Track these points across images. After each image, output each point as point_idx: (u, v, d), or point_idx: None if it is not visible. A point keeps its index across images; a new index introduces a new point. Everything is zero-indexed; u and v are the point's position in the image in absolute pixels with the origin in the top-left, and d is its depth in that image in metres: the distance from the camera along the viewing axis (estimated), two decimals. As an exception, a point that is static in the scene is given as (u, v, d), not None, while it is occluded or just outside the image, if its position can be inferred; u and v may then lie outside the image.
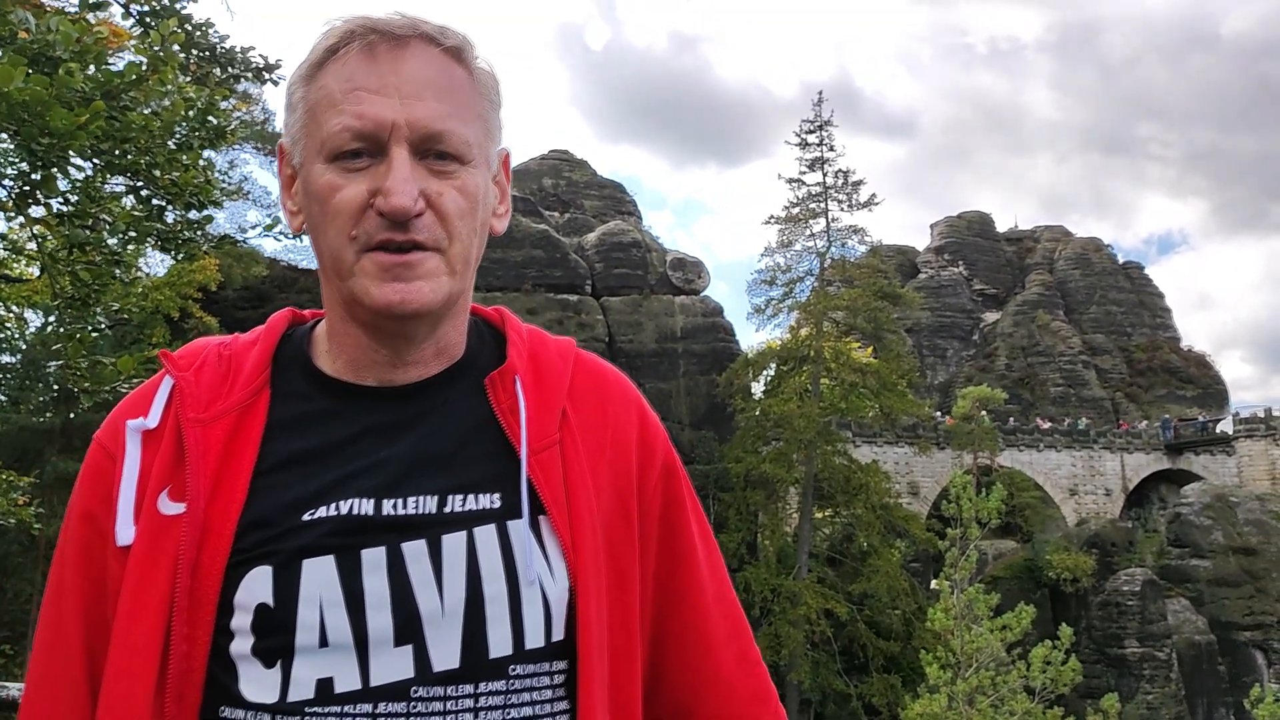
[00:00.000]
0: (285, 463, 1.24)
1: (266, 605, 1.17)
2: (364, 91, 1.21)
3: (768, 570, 38.37)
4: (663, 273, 44.41)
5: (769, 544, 41.25)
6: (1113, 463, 55.09)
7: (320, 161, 1.23)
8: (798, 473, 40.68)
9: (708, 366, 42.73)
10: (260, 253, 33.33)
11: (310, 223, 1.28)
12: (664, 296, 44.00)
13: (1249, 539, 47.49)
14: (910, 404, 43.68)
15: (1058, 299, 67.47)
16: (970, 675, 21.32)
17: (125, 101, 6.23)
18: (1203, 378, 67.46)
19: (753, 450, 39.83)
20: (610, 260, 43.51)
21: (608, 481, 1.34)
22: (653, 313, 43.24)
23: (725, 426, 41.61)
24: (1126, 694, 41.78)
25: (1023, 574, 47.10)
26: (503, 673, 1.22)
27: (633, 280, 43.45)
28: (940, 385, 63.19)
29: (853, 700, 37.71)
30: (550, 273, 41.76)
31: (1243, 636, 45.18)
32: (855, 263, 44.94)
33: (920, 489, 50.22)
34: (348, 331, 1.30)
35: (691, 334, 43.32)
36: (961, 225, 72.04)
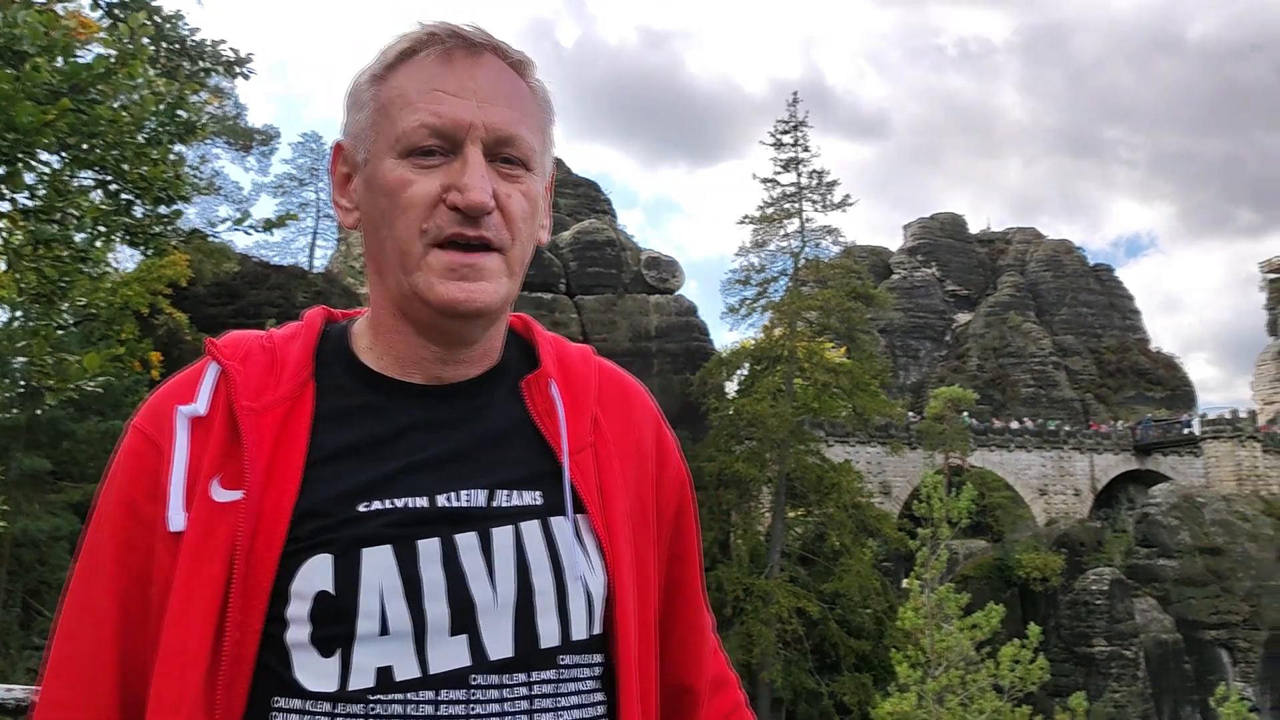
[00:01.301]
0: (336, 454, 1.26)
1: (327, 593, 1.18)
2: (442, 93, 1.26)
3: (740, 569, 38.49)
4: (637, 271, 44.42)
5: (742, 543, 41.38)
6: (1082, 463, 55.65)
7: (392, 157, 1.26)
8: (770, 472, 40.83)
9: (682, 366, 42.78)
10: (231, 248, 33.06)
11: (374, 217, 1.30)
12: (638, 295, 44.01)
13: (1215, 539, 48.10)
14: (883, 404, 43.94)
15: (1029, 300, 68.07)
16: (940, 674, 21.49)
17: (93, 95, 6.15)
18: (1171, 379, 68.29)
19: (726, 449, 39.93)
20: (585, 259, 43.47)
21: (633, 484, 1.41)
22: (627, 312, 43.24)
23: (699, 426, 41.68)
24: (1094, 692, 42.20)
25: (993, 573, 47.49)
26: (553, 663, 1.26)
27: (607, 279, 43.43)
28: (913, 385, 63.59)
29: (824, 699, 37.89)
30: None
31: (1208, 635, 45.75)
32: (829, 263, 45.16)
33: (892, 489, 50.52)
34: (398, 328, 1.32)
35: (666, 333, 43.36)
36: (934, 226, 72.51)
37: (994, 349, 64.15)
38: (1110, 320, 69.48)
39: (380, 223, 1.28)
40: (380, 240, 1.29)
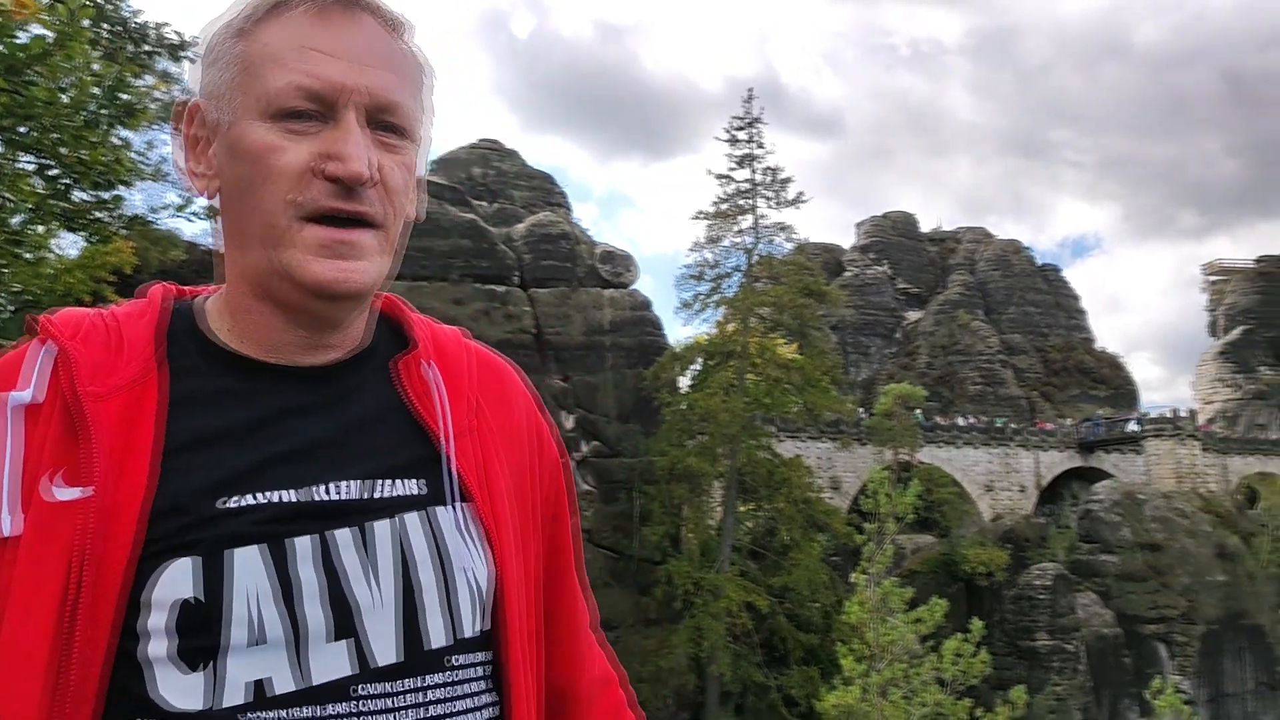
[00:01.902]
0: (194, 443, 1.13)
1: (191, 600, 1.07)
2: (317, 52, 1.15)
3: (690, 563, 38.61)
4: (592, 265, 44.32)
5: (692, 537, 41.50)
6: (1028, 460, 56.47)
7: (258, 120, 1.15)
8: (722, 466, 40.98)
9: (635, 360, 42.77)
10: (178, 236, 32.47)
11: (236, 185, 1.18)
12: (592, 289, 43.90)
13: (1155, 535, 49.02)
14: (833, 400, 44.25)
15: (978, 299, 68.93)
16: (884, 667, 21.75)
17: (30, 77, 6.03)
18: (1114, 378, 69.50)
19: (678, 444, 40.00)
20: (539, 252, 43.28)
21: (513, 469, 1.34)
22: (581, 305, 43.13)
23: (651, 420, 41.71)
24: (1036, 685, 42.87)
25: (939, 568, 48.07)
26: (443, 664, 1.19)
27: (561, 272, 43.28)
28: (863, 382, 64.15)
29: (772, 692, 38.14)
30: (477, 263, 41.40)
31: (1147, 630, 46.63)
32: (782, 260, 45.36)
33: (842, 484, 50.94)
34: (258, 308, 1.21)
35: (619, 327, 43.32)
36: (886, 225, 73.18)
37: (943, 347, 64.91)
38: (1057, 319, 70.57)
39: (243, 192, 1.17)
40: (242, 212, 1.18)
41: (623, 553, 39.58)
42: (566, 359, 41.91)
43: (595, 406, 41.80)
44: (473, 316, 40.33)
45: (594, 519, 40.15)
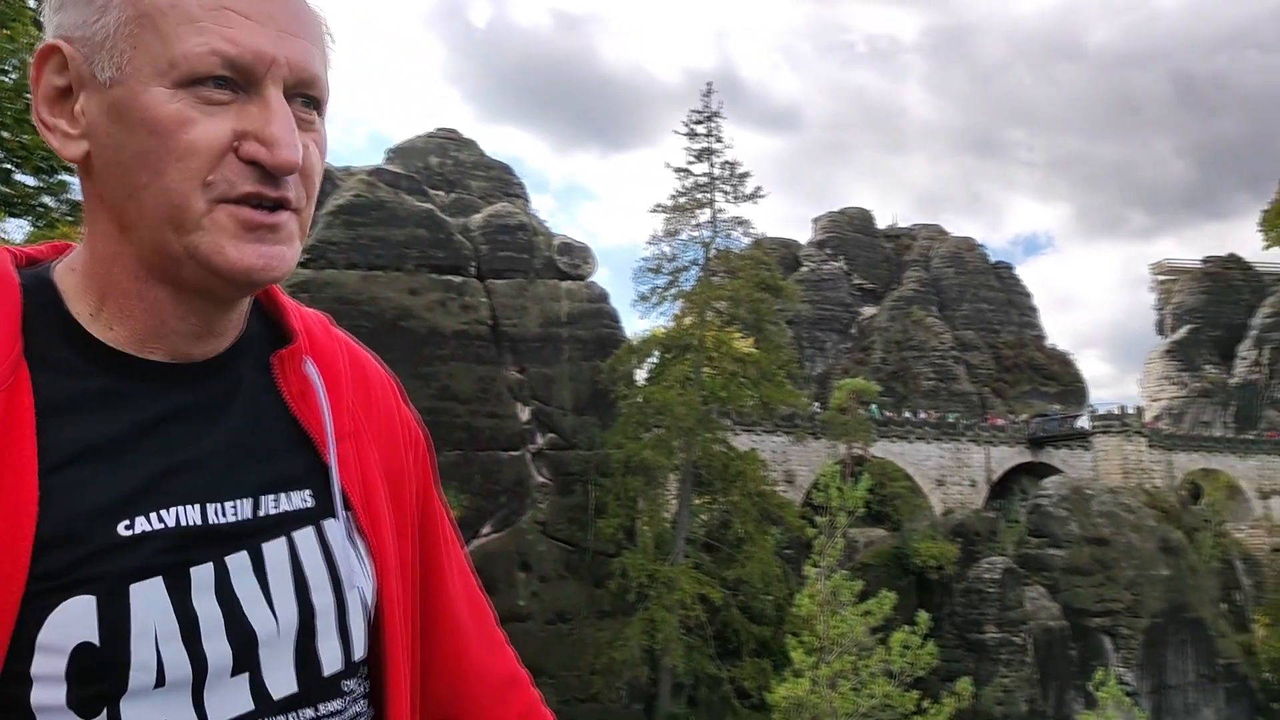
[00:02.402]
0: (75, 457, 0.99)
1: (90, 645, 0.95)
2: (234, 13, 1.01)
3: (645, 556, 38.70)
4: (549, 257, 44.19)
5: (647, 529, 41.60)
6: (978, 455, 57.14)
7: (162, 85, 0.99)
8: (677, 459, 41.10)
9: (592, 352, 42.73)
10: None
11: (126, 156, 1.01)
12: (550, 281, 43.79)
13: (1101, 530, 49.82)
14: (788, 394, 44.51)
15: (932, 295, 69.59)
16: (833, 659, 21.97)
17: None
18: (1064, 375, 70.50)
19: (634, 437, 40.05)
20: (496, 242, 43.07)
21: (388, 474, 1.25)
22: (538, 297, 43.00)
23: (608, 413, 41.73)
24: (984, 677, 43.48)
25: (891, 561, 48.54)
26: (337, 691, 1.13)
27: (518, 263, 43.12)
28: (818, 376, 64.57)
29: (724, 684, 38.37)
30: (434, 253, 41.13)
31: (1093, 623, 47.42)
32: (739, 254, 45.50)
33: (796, 477, 51.27)
34: (144, 293, 1.06)
35: (576, 319, 43.25)
36: (843, 221, 73.65)
37: (897, 342, 65.49)
38: (1009, 317, 71.44)
39: (138, 166, 1.01)
40: (134, 186, 1.01)
41: (577, 545, 39.61)
42: (523, 351, 41.79)
43: (551, 399, 41.73)
44: (428, 307, 40.08)
45: (549, 511, 40.11)
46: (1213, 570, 54.50)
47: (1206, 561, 54.14)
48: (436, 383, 39.08)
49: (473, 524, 38.08)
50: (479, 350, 40.56)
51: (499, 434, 39.85)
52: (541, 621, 38.05)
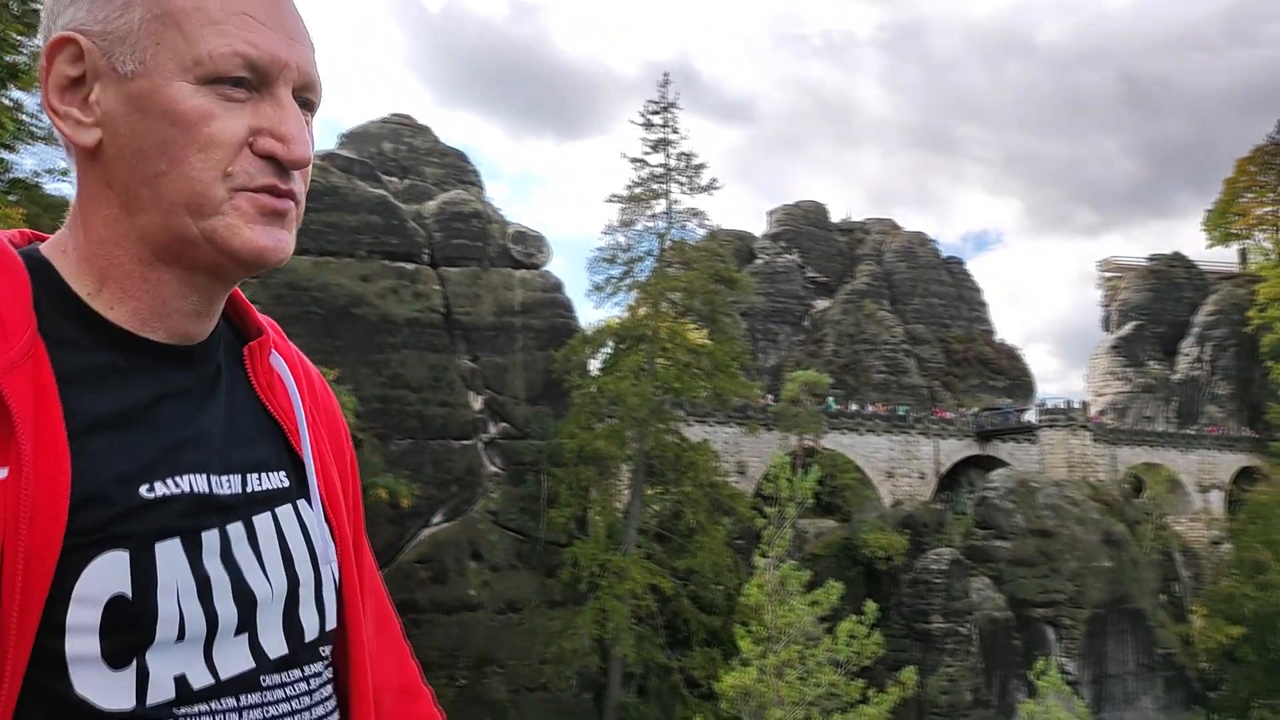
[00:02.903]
0: (93, 426, 1.06)
1: (123, 597, 1.02)
2: (252, 19, 1.10)
3: (597, 545, 38.75)
4: (503, 245, 43.99)
5: (599, 519, 41.64)
6: (927, 448, 57.79)
7: (187, 81, 1.07)
8: (630, 450, 41.17)
9: (545, 342, 42.63)
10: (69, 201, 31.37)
11: (145, 144, 1.08)
12: (504, 270, 43.60)
13: (1046, 522, 50.64)
14: (742, 386, 44.73)
15: (884, 289, 70.15)
16: (780, 649, 22.17)
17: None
18: (1013, 369, 71.44)
19: (587, 427, 40.05)
20: (450, 230, 42.79)
21: (336, 465, 1.35)
22: (491, 285, 42.81)
23: (561, 403, 41.68)
24: (930, 666, 44.10)
25: (840, 552, 49.01)
26: (317, 654, 1.23)
27: (472, 251, 42.88)
28: (771, 368, 64.90)
29: (674, 673, 38.56)
30: (387, 240, 40.78)
31: (1036, 613, 48.22)
32: (694, 246, 45.59)
33: (748, 468, 51.54)
34: (147, 275, 1.13)
35: (530, 309, 43.13)
36: (798, 214, 73.97)
37: (849, 335, 65.99)
38: (959, 311, 72.22)
39: (157, 154, 1.08)
40: (151, 172, 1.09)
41: (529, 535, 39.55)
42: (476, 339, 41.59)
43: (504, 388, 41.59)
44: (380, 294, 39.75)
45: (500, 501, 40.01)
46: (1153, 562, 55.64)
47: (1147, 553, 55.26)
48: (388, 370, 38.81)
49: (424, 513, 37.89)
50: (431, 338, 40.31)
51: (451, 423, 39.66)
52: (492, 611, 37.98)
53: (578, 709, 38.53)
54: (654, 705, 38.91)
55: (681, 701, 38.30)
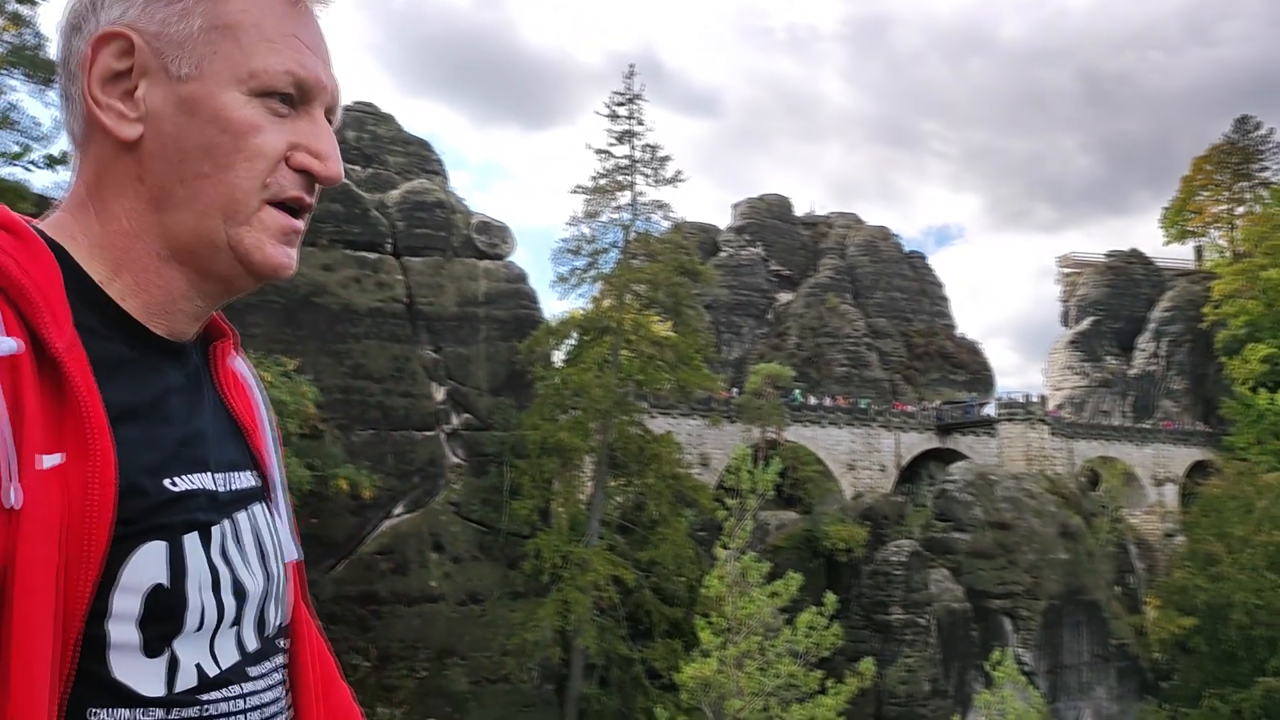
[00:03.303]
0: (124, 416, 1.07)
1: (162, 586, 1.06)
2: (301, 42, 1.17)
3: (559, 537, 38.75)
4: (467, 235, 43.78)
5: (562, 511, 41.63)
6: (889, 440, 58.30)
7: (239, 92, 1.13)
8: (594, 441, 41.17)
9: (509, 333, 42.50)
10: (26, 188, 30.75)
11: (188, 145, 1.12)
12: (467, 260, 43.38)
13: (1004, 514, 51.26)
14: (705, 378, 44.83)
15: (847, 283, 70.58)
16: (740, 640, 22.30)
17: None
18: (973, 363, 72.17)
19: (550, 418, 39.99)
20: (413, 219, 42.51)
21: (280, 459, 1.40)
22: (455, 276, 42.59)
23: (524, 394, 41.58)
24: (889, 657, 44.52)
25: (801, 544, 49.34)
26: (278, 648, 1.26)
27: (435, 241, 42.63)
28: (735, 361, 65.15)
29: (636, 665, 38.65)
30: (349, 229, 40.44)
31: (994, 604, 48.83)
32: (659, 238, 45.61)
33: (711, 460, 51.77)
34: (162, 271, 1.15)
35: (494, 299, 42.96)
36: (762, 207, 74.21)
37: (812, 328, 66.33)
38: (921, 305, 72.83)
39: (200, 156, 1.12)
40: (192, 174, 1.12)
41: (491, 526, 39.47)
42: (439, 330, 41.39)
43: (467, 379, 41.44)
44: (342, 283, 39.44)
45: (463, 492, 39.88)
46: (1108, 554, 56.53)
47: (1103, 546, 56.12)
48: (350, 361, 38.54)
49: (385, 504, 37.70)
50: (394, 328, 40.06)
51: (413, 414, 39.45)
52: (454, 602, 37.88)
53: (539, 700, 38.55)
54: (615, 696, 39.02)
55: (643, 692, 38.43)
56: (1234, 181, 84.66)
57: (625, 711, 38.67)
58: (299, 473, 33.14)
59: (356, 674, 35.86)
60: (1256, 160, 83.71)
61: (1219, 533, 52.61)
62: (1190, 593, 51.68)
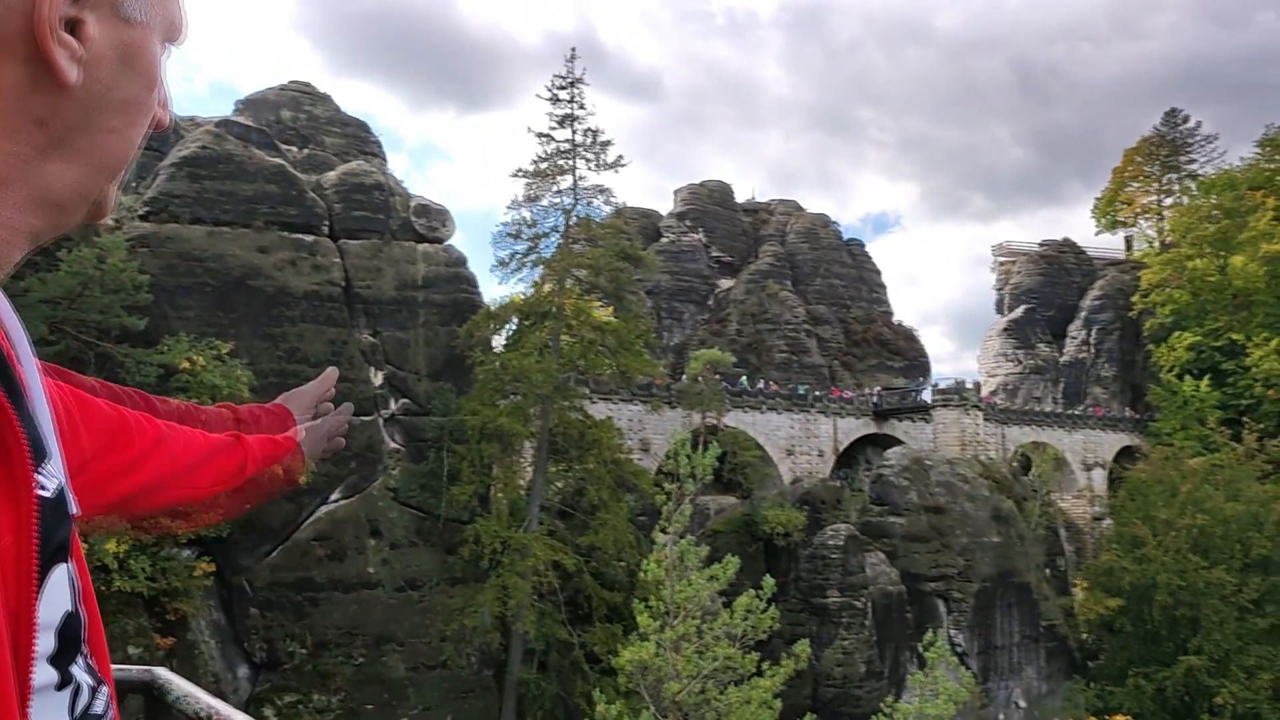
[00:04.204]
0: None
1: (70, 614, 0.96)
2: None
3: (499, 523, 38.67)
4: (406, 218, 43.30)
5: (502, 496, 41.54)
6: (826, 426, 58.94)
7: (161, 43, 1.02)
8: (534, 427, 41.09)
9: (448, 317, 42.17)
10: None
11: (117, 98, 0.99)
12: (406, 243, 42.92)
13: (939, 499, 52.16)
14: (646, 364, 44.91)
15: (787, 270, 71.10)
16: (677, 623, 22.44)
17: None
18: (909, 350, 73.16)
19: (490, 403, 39.81)
20: (350, 202, 41.92)
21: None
22: (393, 259, 42.13)
23: (464, 379, 41.32)
24: (826, 640, 45.17)
25: (741, 528, 49.77)
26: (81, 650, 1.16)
27: (374, 224, 42.10)
28: (676, 347, 65.37)
29: (575, 649, 38.74)
30: (285, 210, 39.76)
31: (928, 587, 49.70)
32: (600, 223, 45.56)
33: (651, 445, 51.91)
34: (13, 222, 0.98)
35: (433, 283, 42.57)
36: (703, 193, 74.43)
37: (753, 315, 66.75)
38: (859, 292, 73.64)
39: (119, 109, 0.99)
40: (104, 127, 0.99)
41: (430, 512, 39.22)
42: (377, 314, 40.94)
43: (405, 363, 41.06)
44: (278, 266, 38.81)
45: (401, 478, 39.57)
46: (1039, 538, 57.81)
47: (1034, 529, 57.38)
48: (285, 344, 37.97)
49: (321, 490, 37.27)
50: (331, 312, 39.53)
51: (350, 398, 37.59)
52: (391, 589, 37.61)
53: (478, 686, 38.48)
54: (554, 681, 39.08)
55: (582, 677, 38.53)
56: (1163, 173, 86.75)
57: (564, 696, 38.76)
58: (233, 458, 32.60)
59: (292, 661, 35.49)
60: (1184, 153, 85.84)
61: (1145, 516, 54.03)
62: (1117, 575, 53.04)
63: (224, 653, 35.13)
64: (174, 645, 32.52)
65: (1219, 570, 49.80)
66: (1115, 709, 48.63)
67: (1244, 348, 67.56)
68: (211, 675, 33.65)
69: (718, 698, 23.29)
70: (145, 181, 39.40)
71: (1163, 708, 49.92)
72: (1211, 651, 48.83)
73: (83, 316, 31.75)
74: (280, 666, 35.46)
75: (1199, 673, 48.46)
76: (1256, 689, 47.30)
